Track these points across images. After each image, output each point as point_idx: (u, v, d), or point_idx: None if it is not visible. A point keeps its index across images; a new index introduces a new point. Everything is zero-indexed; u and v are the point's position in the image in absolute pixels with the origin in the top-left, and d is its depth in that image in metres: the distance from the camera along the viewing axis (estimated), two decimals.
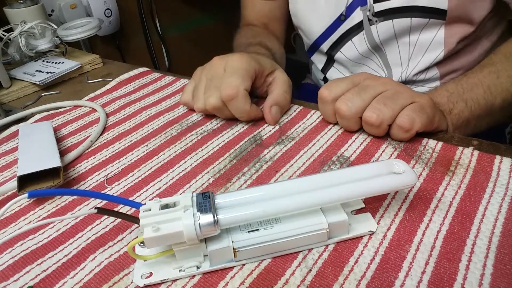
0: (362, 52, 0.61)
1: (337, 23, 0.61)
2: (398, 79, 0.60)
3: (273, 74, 0.45)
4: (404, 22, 0.55)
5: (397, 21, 0.55)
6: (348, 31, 0.60)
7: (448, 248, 0.26)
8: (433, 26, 0.55)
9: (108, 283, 0.26)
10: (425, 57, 0.57)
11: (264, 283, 0.25)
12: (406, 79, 0.60)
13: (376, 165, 0.29)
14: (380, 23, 0.57)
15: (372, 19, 0.57)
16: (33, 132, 0.43)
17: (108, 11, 1.02)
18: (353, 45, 0.61)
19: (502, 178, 0.32)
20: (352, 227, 0.28)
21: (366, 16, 0.57)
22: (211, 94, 0.42)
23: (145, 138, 0.43)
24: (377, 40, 0.59)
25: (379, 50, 0.60)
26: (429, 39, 0.56)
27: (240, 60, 0.42)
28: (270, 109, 0.43)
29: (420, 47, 0.57)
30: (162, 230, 0.24)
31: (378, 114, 0.36)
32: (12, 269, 0.28)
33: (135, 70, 0.60)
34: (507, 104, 0.44)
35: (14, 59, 0.64)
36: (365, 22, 0.58)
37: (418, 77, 0.59)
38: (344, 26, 0.60)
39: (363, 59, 0.62)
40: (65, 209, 0.34)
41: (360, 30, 0.59)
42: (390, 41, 0.58)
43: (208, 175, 0.36)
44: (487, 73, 0.45)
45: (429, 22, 0.54)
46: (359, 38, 0.60)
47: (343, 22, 0.60)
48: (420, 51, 0.57)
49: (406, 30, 0.56)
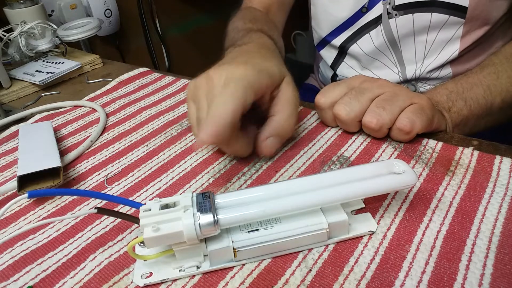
0: (378, 46, 0.60)
1: (357, 15, 0.60)
2: (412, 75, 0.60)
3: (278, 88, 0.36)
4: (425, 17, 0.55)
5: (418, 15, 0.55)
6: (367, 24, 0.60)
7: (448, 248, 0.26)
8: (452, 25, 0.55)
9: (108, 283, 0.26)
10: (440, 55, 0.57)
11: (264, 283, 0.25)
12: (419, 76, 0.60)
13: (376, 165, 0.29)
14: (400, 17, 0.56)
15: (391, 12, 0.57)
16: (33, 132, 0.43)
17: (108, 11, 1.02)
18: (370, 38, 0.61)
19: (502, 178, 0.32)
20: (352, 227, 0.28)
21: (385, 9, 0.57)
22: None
23: (145, 138, 0.43)
24: (395, 35, 0.58)
25: (395, 45, 0.59)
26: (446, 38, 0.56)
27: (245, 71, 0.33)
28: (265, 140, 0.35)
29: (436, 46, 0.57)
30: (162, 230, 0.24)
31: (378, 119, 0.36)
32: (12, 269, 0.28)
33: (135, 70, 0.60)
34: (507, 105, 0.44)
35: (14, 59, 0.64)
36: (384, 16, 0.58)
37: (431, 75, 0.59)
38: (364, 19, 0.60)
39: (378, 53, 0.61)
40: (65, 209, 0.34)
41: (379, 23, 0.59)
42: (407, 38, 0.58)
43: (208, 175, 0.36)
44: (487, 73, 0.45)
45: (448, 20, 0.54)
46: (377, 31, 0.59)
47: (364, 14, 0.60)
48: (436, 50, 0.57)
49: (425, 27, 0.56)
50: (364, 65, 0.64)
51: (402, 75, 0.61)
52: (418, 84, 0.61)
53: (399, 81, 0.61)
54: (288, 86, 0.37)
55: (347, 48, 0.64)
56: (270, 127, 0.35)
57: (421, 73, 0.59)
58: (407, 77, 0.60)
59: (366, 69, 0.64)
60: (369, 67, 0.63)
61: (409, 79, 0.60)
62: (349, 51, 0.64)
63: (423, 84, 0.61)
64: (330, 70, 0.70)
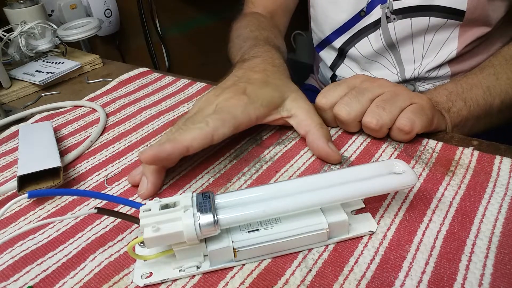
0: (376, 49, 0.61)
1: (356, 19, 0.61)
2: (411, 75, 0.60)
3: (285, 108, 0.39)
4: (423, 21, 0.55)
5: (416, 19, 0.56)
6: (366, 28, 0.60)
7: (448, 248, 0.26)
8: (449, 27, 0.55)
9: (108, 283, 0.26)
10: (438, 55, 0.58)
11: (264, 283, 0.25)
12: (418, 75, 0.60)
13: (376, 165, 0.29)
14: (398, 21, 0.57)
15: (390, 16, 0.57)
16: (33, 132, 0.43)
17: (108, 11, 1.02)
18: (368, 41, 0.61)
19: (502, 178, 0.32)
20: (352, 227, 0.28)
21: (384, 13, 0.57)
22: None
23: (145, 138, 0.43)
24: (393, 38, 0.58)
25: (394, 48, 0.60)
26: (444, 39, 0.56)
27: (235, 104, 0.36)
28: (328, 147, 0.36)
29: (434, 46, 0.57)
30: (162, 230, 0.24)
31: (377, 119, 0.36)
32: (12, 269, 0.28)
33: (135, 70, 0.60)
34: (505, 107, 0.44)
35: (14, 59, 0.64)
36: (382, 20, 0.58)
37: (430, 74, 0.60)
38: (362, 22, 0.60)
39: (377, 56, 0.62)
40: (65, 209, 0.34)
41: (377, 27, 0.59)
42: (406, 40, 0.58)
43: (208, 175, 0.36)
44: (487, 74, 0.45)
45: (446, 23, 0.54)
46: (376, 35, 0.60)
47: (362, 18, 0.60)
48: (434, 50, 0.58)
49: (423, 30, 0.56)
50: (364, 67, 0.64)
51: (401, 75, 0.61)
52: (417, 83, 0.61)
53: (398, 81, 0.61)
54: (297, 103, 0.39)
55: (346, 51, 0.64)
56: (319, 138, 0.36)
57: (420, 73, 0.59)
58: (406, 77, 0.60)
59: (365, 70, 0.64)
60: (368, 69, 0.64)
61: (408, 79, 0.61)
62: (348, 53, 0.64)
63: (421, 84, 0.61)
64: (329, 71, 0.70)
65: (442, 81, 0.60)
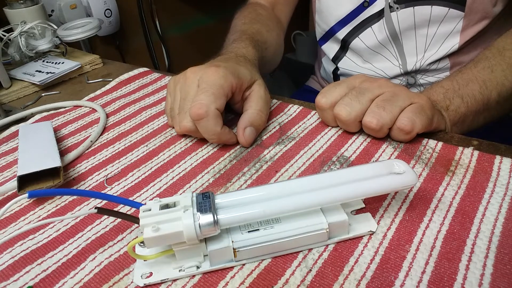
0: (380, 40, 0.61)
1: (359, 9, 0.61)
2: (412, 68, 0.60)
3: (250, 88, 0.42)
4: (425, 10, 0.56)
5: (418, 8, 0.56)
6: (369, 18, 0.61)
7: (448, 248, 0.26)
8: (452, 18, 0.56)
9: (108, 283, 0.26)
10: (440, 48, 0.58)
11: (264, 283, 0.25)
12: (420, 68, 0.60)
13: (376, 165, 0.29)
14: (401, 10, 0.57)
15: (393, 5, 0.58)
16: (33, 132, 0.43)
17: (108, 11, 1.02)
18: (372, 32, 0.61)
19: (502, 178, 0.32)
20: (352, 227, 0.28)
21: (387, 3, 0.58)
22: (184, 117, 0.39)
23: (145, 138, 0.43)
24: (396, 28, 0.59)
25: (397, 39, 0.60)
26: (447, 32, 0.57)
27: (215, 74, 0.38)
28: (243, 131, 0.39)
29: (437, 39, 0.58)
30: (162, 230, 0.24)
31: (378, 119, 0.36)
32: (12, 269, 0.28)
33: (135, 70, 0.60)
34: (503, 99, 0.44)
35: (14, 59, 0.64)
36: (386, 9, 0.59)
37: (431, 67, 0.60)
38: (366, 13, 0.61)
39: (380, 47, 0.62)
40: (65, 209, 0.34)
41: (381, 17, 0.60)
42: (409, 31, 0.59)
43: (208, 175, 0.36)
44: (482, 68, 0.44)
45: (448, 13, 0.55)
46: (379, 25, 0.60)
47: (366, 8, 0.60)
48: (436, 43, 0.58)
49: (426, 21, 0.57)
50: (366, 59, 0.64)
51: (403, 67, 0.61)
52: (418, 76, 0.61)
53: (399, 74, 0.62)
54: (260, 87, 0.43)
55: (349, 43, 0.64)
56: (246, 119, 0.40)
57: (421, 65, 0.60)
58: (407, 69, 0.61)
59: (367, 62, 0.64)
60: (370, 61, 0.64)
61: (410, 71, 0.61)
62: (351, 45, 0.65)
63: (422, 76, 0.61)
64: (332, 64, 0.70)
65: (443, 73, 0.60)
